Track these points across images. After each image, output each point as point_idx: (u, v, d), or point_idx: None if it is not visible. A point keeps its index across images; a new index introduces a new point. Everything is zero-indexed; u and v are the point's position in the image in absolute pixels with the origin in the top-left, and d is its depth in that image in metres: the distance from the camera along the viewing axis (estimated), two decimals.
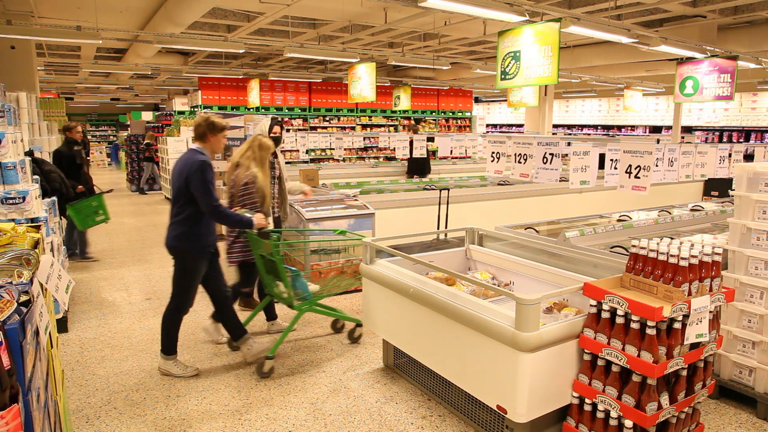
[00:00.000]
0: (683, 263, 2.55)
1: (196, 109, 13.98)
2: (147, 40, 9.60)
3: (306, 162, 13.55)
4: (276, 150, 4.72)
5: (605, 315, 2.62)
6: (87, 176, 6.82)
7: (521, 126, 21.30)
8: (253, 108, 13.88)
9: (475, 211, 6.70)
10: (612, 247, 3.87)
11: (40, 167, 5.43)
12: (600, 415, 2.65)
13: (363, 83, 10.06)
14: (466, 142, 8.96)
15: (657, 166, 4.26)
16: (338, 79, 15.50)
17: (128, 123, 20.17)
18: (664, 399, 2.56)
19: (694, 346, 2.66)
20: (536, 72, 6.07)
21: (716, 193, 9.12)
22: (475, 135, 11.30)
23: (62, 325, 4.54)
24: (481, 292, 3.36)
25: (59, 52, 12.80)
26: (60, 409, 2.12)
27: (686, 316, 2.57)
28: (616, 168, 4.14)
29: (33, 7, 7.99)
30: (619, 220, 4.73)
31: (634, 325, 2.51)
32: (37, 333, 1.67)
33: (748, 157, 5.76)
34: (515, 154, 4.54)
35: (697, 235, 4.18)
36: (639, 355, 2.49)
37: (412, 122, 16.99)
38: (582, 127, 20.41)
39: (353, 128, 15.88)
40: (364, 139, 13.55)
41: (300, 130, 14.34)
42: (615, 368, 2.58)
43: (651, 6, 7.90)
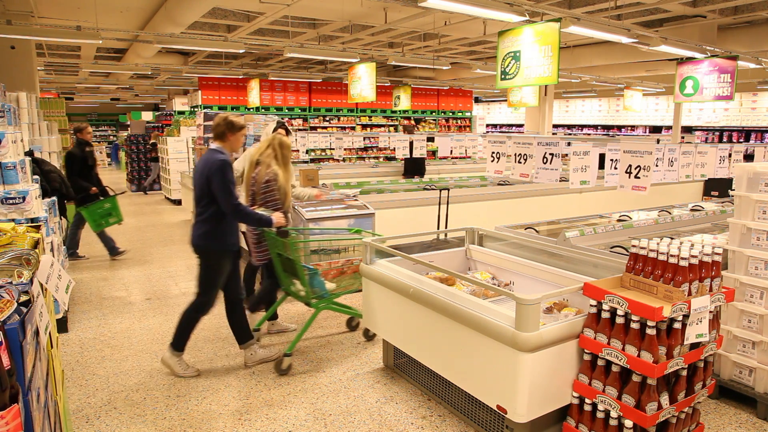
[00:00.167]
0: (683, 263, 2.55)
1: (196, 109, 13.98)
2: (147, 40, 9.60)
3: (306, 162, 13.56)
4: None
5: (605, 315, 2.62)
6: (97, 177, 6.86)
7: (521, 126, 21.31)
8: (253, 108, 13.88)
9: (475, 211, 6.70)
10: (612, 247, 3.87)
11: (40, 167, 5.43)
12: (600, 415, 2.65)
13: (363, 83, 10.07)
14: (466, 142, 8.96)
15: (657, 166, 4.26)
16: (338, 79, 15.50)
17: (128, 123, 20.18)
18: (664, 399, 2.56)
19: (694, 346, 2.66)
20: (536, 72, 6.07)
21: (716, 193, 9.12)
22: (475, 135, 11.30)
23: (62, 325, 4.54)
24: (481, 292, 3.36)
25: (59, 52, 12.81)
26: (60, 409, 2.12)
27: (686, 316, 2.57)
28: (616, 168, 4.15)
29: (33, 7, 7.99)
30: (619, 220, 4.73)
31: (634, 325, 2.51)
32: (37, 333, 1.67)
33: (748, 157, 5.77)
34: (515, 154, 4.54)
35: (697, 235, 4.18)
36: (639, 355, 2.49)
37: (412, 122, 16.98)
38: (582, 127, 20.41)
39: (353, 128, 15.88)
40: (364, 139, 13.55)
41: (300, 130, 14.34)
42: (615, 368, 2.58)
43: (651, 6, 7.90)
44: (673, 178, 4.48)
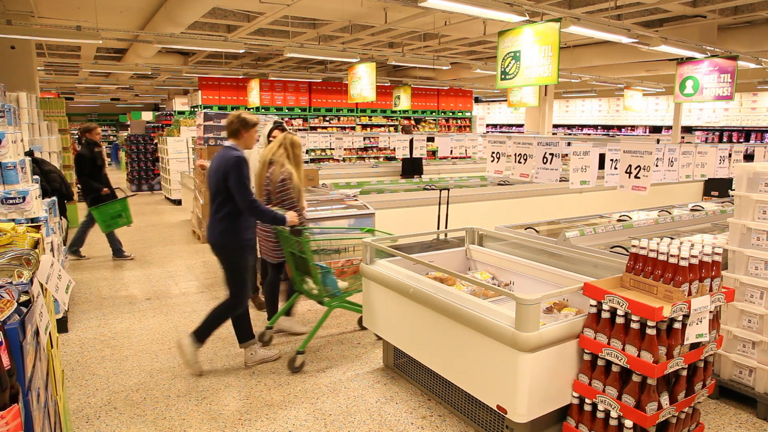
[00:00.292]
0: (683, 263, 2.55)
1: (196, 109, 13.98)
2: (147, 40, 9.60)
3: (306, 162, 13.52)
4: None
5: (605, 315, 2.62)
6: (106, 177, 6.89)
7: (521, 126, 21.30)
8: (253, 108, 13.88)
9: (475, 211, 6.70)
10: (612, 247, 3.87)
11: (40, 167, 5.43)
12: (600, 415, 2.65)
13: (363, 83, 10.06)
14: (466, 142, 8.96)
15: (657, 166, 4.26)
16: (338, 79, 15.50)
17: (128, 123, 20.17)
18: (664, 399, 2.56)
19: (694, 346, 2.66)
20: (536, 72, 6.07)
21: (716, 193, 9.12)
22: (475, 135, 11.31)
23: (62, 325, 4.54)
24: (481, 292, 3.36)
25: (59, 52, 12.81)
26: (60, 409, 2.12)
27: (686, 316, 2.57)
28: (616, 168, 4.15)
29: (33, 7, 7.99)
30: (619, 220, 4.73)
31: (634, 325, 2.51)
32: (37, 333, 1.67)
33: (748, 157, 5.77)
34: (515, 154, 4.54)
35: (697, 235, 4.18)
36: (639, 355, 2.49)
37: (412, 122, 16.98)
38: (582, 127, 20.41)
39: (353, 128, 15.88)
40: (364, 139, 13.55)
41: (300, 130, 14.34)
42: (615, 368, 2.58)
43: (651, 6, 7.90)
44: (673, 178, 4.48)
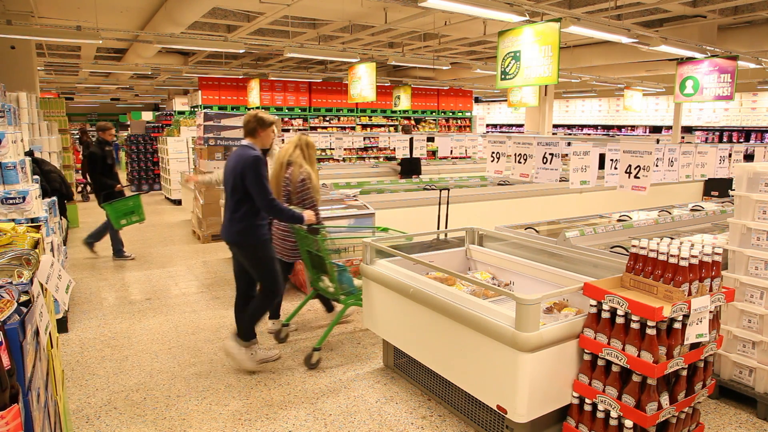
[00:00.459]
0: (683, 263, 2.55)
1: (196, 109, 13.98)
2: (147, 40, 9.60)
3: None
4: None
5: (605, 315, 2.62)
6: (116, 176, 6.98)
7: (521, 126, 21.30)
8: (253, 108, 13.88)
9: (475, 211, 6.70)
10: (612, 247, 3.87)
11: (40, 167, 5.43)
12: (600, 415, 2.65)
13: (363, 83, 10.06)
14: (466, 142, 8.95)
15: (657, 166, 4.26)
16: (338, 79, 15.50)
17: (128, 123, 20.16)
18: (664, 399, 2.56)
19: (694, 346, 2.66)
20: (536, 72, 6.07)
21: (716, 193, 9.12)
22: (475, 135, 11.30)
23: (62, 325, 4.54)
24: (481, 292, 3.36)
25: (59, 52, 12.81)
26: (60, 409, 2.12)
27: (686, 316, 2.57)
28: (616, 168, 4.15)
29: (33, 7, 7.99)
30: (619, 220, 4.73)
31: (634, 325, 2.51)
32: (37, 333, 1.67)
33: (748, 157, 5.77)
34: (515, 154, 4.54)
35: (697, 235, 4.18)
36: (639, 355, 2.49)
37: (412, 122, 16.98)
38: (582, 127, 20.41)
39: (353, 128, 15.88)
40: (364, 139, 13.54)
41: (300, 130, 14.34)
42: (615, 368, 2.58)
43: (651, 6, 7.90)
44: (673, 178, 4.48)
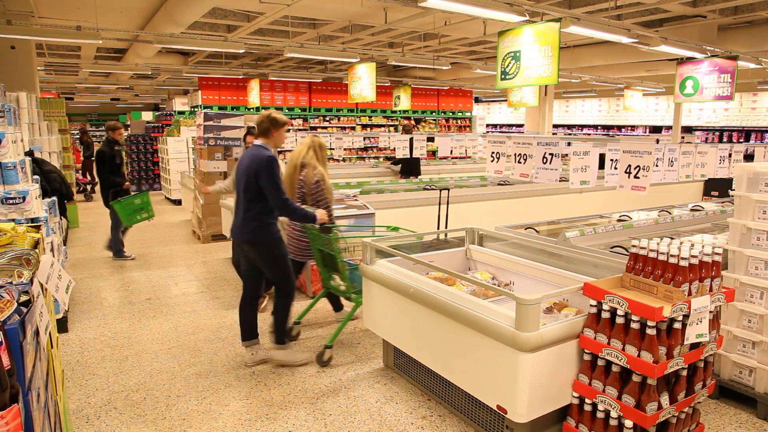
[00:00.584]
0: (683, 263, 2.55)
1: (196, 109, 13.98)
2: (147, 40, 9.60)
3: None
4: None
5: (605, 315, 2.62)
6: (124, 175, 7.03)
7: (521, 126, 21.30)
8: (253, 108, 13.88)
9: (475, 211, 6.70)
10: (612, 247, 3.87)
11: (40, 167, 5.43)
12: (600, 415, 2.65)
13: (363, 83, 10.06)
14: (466, 142, 8.95)
15: (657, 166, 4.26)
16: (338, 79, 15.50)
17: (128, 123, 20.15)
18: (664, 399, 2.56)
19: (694, 346, 2.66)
20: (536, 72, 6.07)
21: (716, 193, 9.13)
22: (475, 135, 11.30)
23: (62, 325, 4.54)
24: (481, 292, 3.36)
25: (59, 52, 12.80)
26: (60, 409, 2.12)
27: (686, 316, 2.57)
28: (616, 168, 4.14)
29: (33, 7, 7.99)
30: (619, 220, 4.73)
31: (634, 325, 2.51)
32: (37, 333, 1.67)
33: (748, 157, 5.76)
34: (515, 154, 4.54)
35: (697, 235, 4.18)
36: (639, 355, 2.49)
37: (412, 122, 16.97)
38: (582, 127, 20.40)
39: (353, 128, 15.88)
40: (364, 139, 13.54)
41: (300, 130, 14.33)
42: (615, 368, 2.58)
43: (651, 6, 7.90)
44: (673, 178, 4.48)
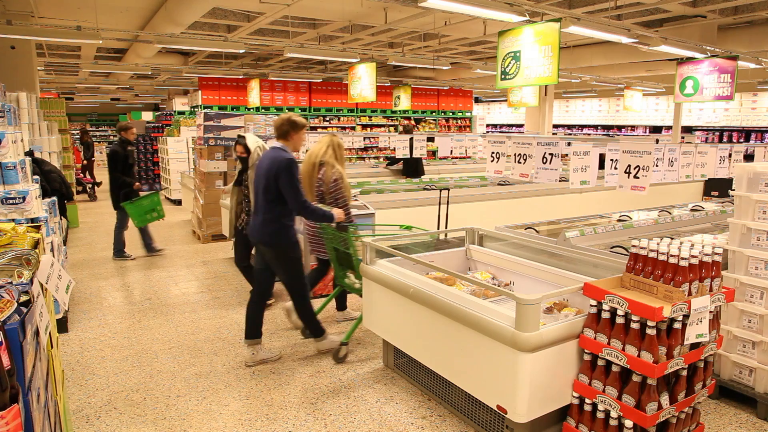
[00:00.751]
0: (683, 263, 2.55)
1: (196, 109, 13.97)
2: (147, 40, 9.59)
3: None
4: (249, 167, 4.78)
5: (605, 315, 2.62)
6: (135, 175, 7.07)
7: (521, 126, 21.29)
8: (253, 108, 13.87)
9: (475, 211, 6.70)
10: (612, 247, 3.87)
11: (40, 167, 5.43)
12: (600, 415, 2.65)
13: (363, 83, 10.06)
14: (466, 142, 8.93)
15: (657, 166, 4.26)
16: (338, 79, 15.49)
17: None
18: (664, 399, 2.56)
19: (694, 346, 2.66)
20: (536, 72, 6.06)
21: (716, 193, 9.13)
22: (475, 135, 11.30)
23: (62, 325, 4.54)
24: (481, 292, 3.36)
25: (59, 52, 12.80)
26: (60, 409, 2.12)
27: (686, 316, 2.57)
28: (616, 168, 4.14)
29: (33, 7, 7.99)
30: (619, 220, 4.73)
31: (634, 325, 2.51)
32: (37, 333, 1.67)
33: (748, 157, 5.76)
34: (515, 154, 4.54)
35: (697, 235, 4.18)
36: (639, 355, 2.49)
37: (412, 122, 16.97)
38: (582, 127, 20.40)
39: (353, 128, 15.87)
40: (364, 139, 13.54)
41: None
42: (615, 368, 2.58)
43: (651, 6, 7.90)
44: (673, 178, 4.48)
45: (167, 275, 6.24)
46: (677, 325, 2.55)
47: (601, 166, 4.32)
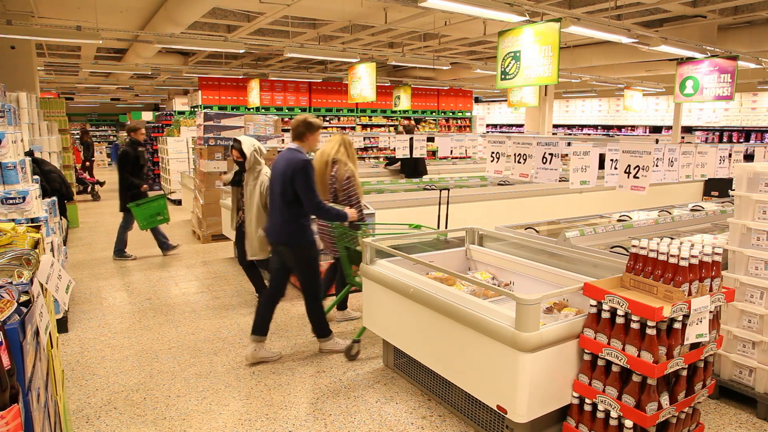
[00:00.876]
0: (683, 263, 2.55)
1: (196, 109, 13.97)
2: (147, 40, 9.59)
3: None
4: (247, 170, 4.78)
5: (605, 315, 2.62)
6: (145, 177, 7.09)
7: (521, 126, 21.29)
8: (253, 108, 13.87)
9: (475, 211, 6.70)
10: (612, 247, 3.87)
11: (40, 167, 5.43)
12: (600, 415, 2.65)
13: (363, 83, 10.06)
14: (466, 142, 8.93)
15: (657, 166, 4.26)
16: (338, 79, 15.49)
17: (128, 123, 20.13)
18: (664, 399, 2.56)
19: (694, 346, 2.66)
20: (536, 72, 6.06)
21: (716, 193, 9.13)
22: (475, 135, 11.29)
23: (62, 325, 4.54)
24: (481, 292, 3.36)
25: (59, 52, 12.80)
26: (60, 409, 2.12)
27: (686, 316, 2.57)
28: (616, 168, 4.14)
29: (33, 7, 7.99)
30: (619, 220, 4.73)
31: (634, 325, 2.51)
32: (37, 333, 1.67)
33: (748, 157, 5.76)
34: (515, 154, 4.54)
35: (697, 235, 4.18)
36: (639, 355, 2.49)
37: (412, 122, 16.97)
38: (582, 127, 20.40)
39: (353, 128, 15.87)
40: (364, 139, 13.54)
41: None
42: (615, 368, 2.58)
43: (651, 6, 7.90)
44: (673, 178, 4.48)
45: (167, 275, 6.24)
46: (677, 325, 2.55)
47: (601, 166, 4.32)
